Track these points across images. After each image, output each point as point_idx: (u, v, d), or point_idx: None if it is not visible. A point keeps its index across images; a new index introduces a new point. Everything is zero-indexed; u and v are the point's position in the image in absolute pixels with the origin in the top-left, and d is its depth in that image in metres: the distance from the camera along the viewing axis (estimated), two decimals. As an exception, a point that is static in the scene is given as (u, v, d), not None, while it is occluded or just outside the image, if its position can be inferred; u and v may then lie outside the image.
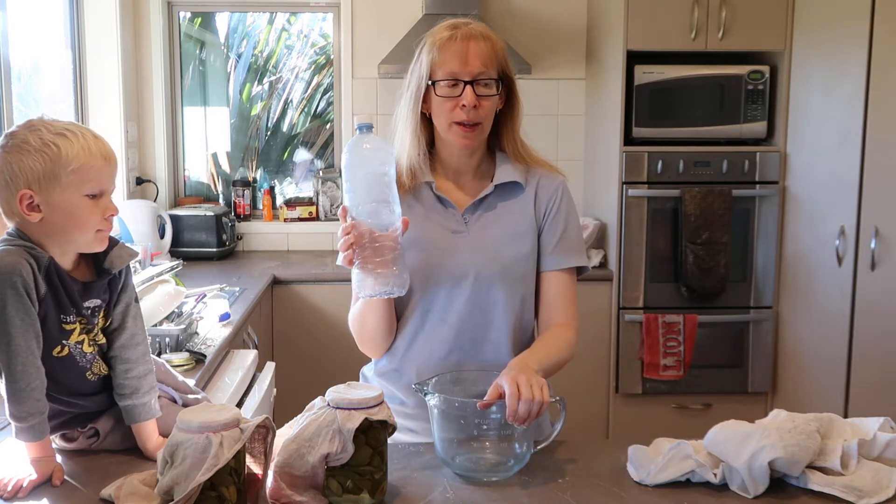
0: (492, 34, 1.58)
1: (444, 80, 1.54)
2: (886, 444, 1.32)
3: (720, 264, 3.53)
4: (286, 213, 4.17)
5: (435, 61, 1.54)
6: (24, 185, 1.31)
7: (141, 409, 1.43)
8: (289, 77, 4.57)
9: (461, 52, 1.53)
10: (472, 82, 1.53)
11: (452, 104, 1.54)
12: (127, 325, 1.45)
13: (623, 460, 1.40)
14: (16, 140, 1.32)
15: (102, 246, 1.39)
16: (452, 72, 1.53)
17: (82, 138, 1.33)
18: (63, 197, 1.32)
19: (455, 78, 1.53)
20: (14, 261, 1.29)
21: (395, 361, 1.65)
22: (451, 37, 1.54)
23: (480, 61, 1.53)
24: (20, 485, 1.28)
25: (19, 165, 1.30)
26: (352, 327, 1.66)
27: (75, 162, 1.31)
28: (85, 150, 1.32)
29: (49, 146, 1.30)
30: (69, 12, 3.58)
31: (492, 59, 1.55)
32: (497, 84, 1.56)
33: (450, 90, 1.54)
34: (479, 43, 1.54)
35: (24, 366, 1.30)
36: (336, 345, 3.46)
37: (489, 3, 4.02)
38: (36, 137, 1.31)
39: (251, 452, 1.26)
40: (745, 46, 3.52)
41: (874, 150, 3.02)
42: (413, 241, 1.59)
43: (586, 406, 3.67)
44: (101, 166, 1.34)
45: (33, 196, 1.31)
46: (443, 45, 1.54)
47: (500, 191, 1.64)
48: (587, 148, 4.10)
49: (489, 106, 1.56)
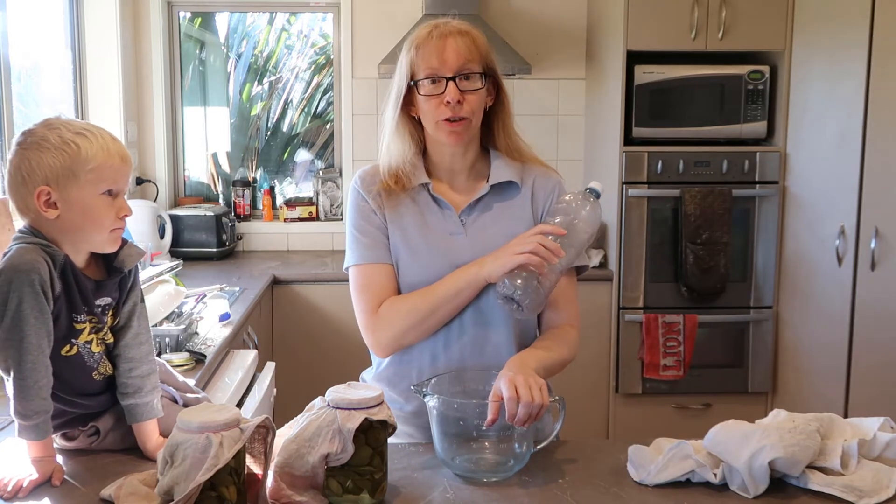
0: (471, 29, 1.56)
1: (425, 79, 1.53)
2: (886, 444, 1.32)
3: (720, 264, 3.53)
4: (286, 213, 4.17)
5: (414, 61, 1.53)
6: (42, 182, 1.32)
7: (143, 408, 1.43)
8: (289, 77, 4.57)
9: (439, 48, 1.52)
10: (454, 78, 1.51)
11: (437, 102, 1.52)
12: (132, 324, 1.46)
13: (623, 460, 1.40)
14: (34, 138, 1.33)
15: (115, 246, 1.40)
16: (432, 68, 1.52)
17: (101, 138, 1.35)
18: (80, 195, 1.33)
19: (436, 75, 1.52)
20: (32, 258, 1.30)
21: (395, 366, 1.64)
22: (429, 34, 1.53)
23: (460, 56, 1.52)
24: (20, 485, 1.28)
25: (38, 162, 1.31)
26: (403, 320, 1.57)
27: (94, 161, 1.33)
28: (104, 149, 1.34)
29: (69, 144, 1.32)
30: (69, 12, 3.58)
31: (472, 53, 1.53)
32: (481, 77, 1.54)
33: (432, 88, 1.52)
34: (458, 38, 1.53)
35: (34, 364, 1.30)
36: (336, 345, 3.46)
37: (489, 3, 4.01)
38: (55, 135, 1.32)
39: (251, 452, 1.26)
40: (745, 46, 3.52)
41: (874, 150, 3.02)
42: (411, 245, 1.59)
43: (586, 406, 3.67)
44: (119, 166, 1.36)
45: (51, 193, 1.32)
46: (421, 44, 1.53)
47: (496, 191, 1.63)
48: (587, 148, 4.10)
49: (475, 100, 1.54)
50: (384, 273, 1.60)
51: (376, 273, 1.60)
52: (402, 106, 1.58)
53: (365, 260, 1.60)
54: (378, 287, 1.59)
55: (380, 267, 1.60)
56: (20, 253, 1.30)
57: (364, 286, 1.61)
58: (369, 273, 1.60)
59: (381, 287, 1.59)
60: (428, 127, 1.58)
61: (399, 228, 1.61)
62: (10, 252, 1.32)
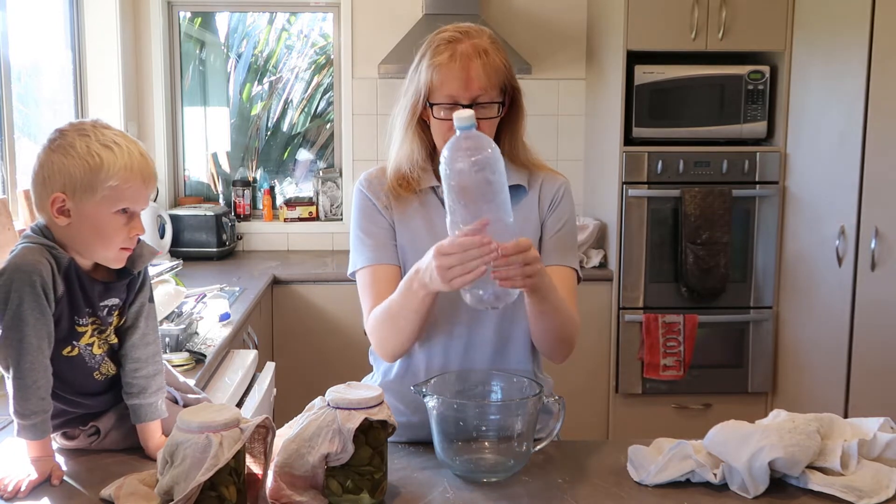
0: (490, 46, 1.51)
1: (442, 104, 1.50)
2: (886, 444, 1.32)
3: (720, 264, 3.53)
4: (286, 213, 4.17)
5: (434, 84, 1.49)
6: (59, 188, 1.31)
7: (147, 408, 1.43)
8: (289, 77, 4.57)
9: (462, 75, 1.47)
10: (471, 105, 1.48)
11: (451, 125, 1.46)
12: (139, 325, 1.45)
13: (623, 460, 1.40)
14: (64, 140, 1.31)
15: (122, 263, 1.39)
16: (451, 95, 1.48)
17: (128, 155, 1.32)
18: (95, 210, 1.32)
19: (454, 102, 1.49)
20: (35, 259, 1.29)
21: (400, 378, 1.61)
22: (451, 57, 1.48)
23: (481, 84, 1.48)
24: (20, 485, 1.28)
25: (60, 167, 1.30)
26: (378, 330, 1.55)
27: (115, 179, 1.31)
28: (127, 167, 1.31)
29: (93, 156, 1.30)
30: (69, 12, 3.58)
31: (492, 79, 1.49)
32: (498, 106, 1.52)
33: (448, 112, 1.48)
34: (478, 63, 1.48)
35: (33, 364, 1.30)
36: (336, 345, 3.46)
37: (489, 3, 4.01)
38: (83, 144, 1.30)
39: (251, 452, 1.26)
40: (745, 46, 3.52)
41: (874, 150, 3.02)
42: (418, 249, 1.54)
43: (586, 406, 3.67)
44: (139, 187, 1.34)
45: (66, 201, 1.31)
46: (442, 67, 1.49)
47: None
48: (587, 148, 4.10)
49: (488, 126, 1.50)
50: (387, 274, 1.58)
51: (379, 274, 1.58)
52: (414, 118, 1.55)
53: (369, 262, 1.58)
54: (379, 289, 1.57)
55: (384, 268, 1.58)
56: (24, 253, 1.30)
57: (366, 288, 1.59)
58: (372, 275, 1.58)
59: (382, 289, 1.56)
60: (439, 143, 1.55)
61: (407, 231, 1.59)
62: (15, 251, 1.31)
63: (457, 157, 1.31)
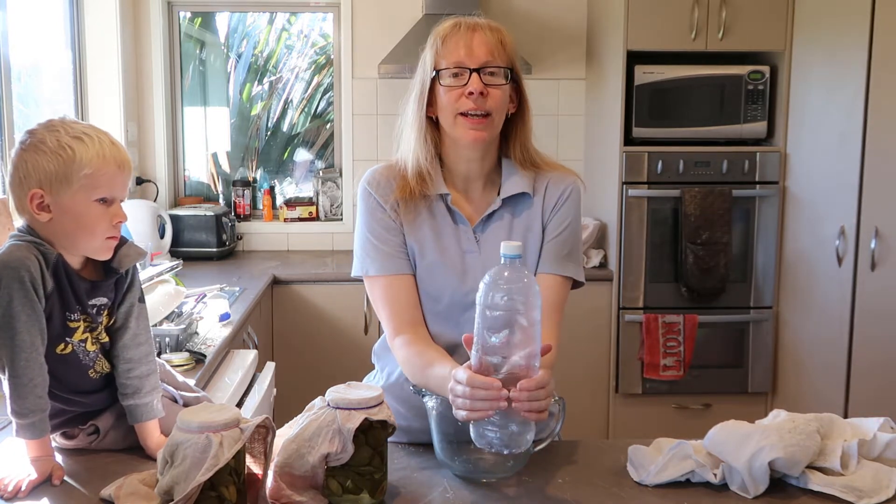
0: (501, 28, 1.51)
1: (448, 70, 1.47)
2: (886, 444, 1.32)
3: (720, 264, 3.53)
4: (286, 213, 4.17)
5: (439, 52, 1.48)
6: (35, 185, 1.32)
7: (143, 409, 1.43)
8: (289, 77, 4.57)
9: (466, 40, 1.47)
10: (479, 70, 1.46)
11: (458, 94, 1.46)
12: (130, 325, 1.45)
13: (623, 460, 1.40)
14: (34, 139, 1.33)
15: (109, 253, 1.39)
16: (457, 61, 1.46)
17: (98, 143, 1.34)
18: (73, 200, 1.33)
19: (460, 66, 1.46)
20: (22, 255, 1.30)
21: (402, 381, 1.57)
22: (456, 25, 1.49)
23: (487, 49, 1.46)
24: (20, 485, 1.28)
25: (33, 164, 1.32)
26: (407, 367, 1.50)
27: (88, 167, 1.32)
28: (99, 155, 1.33)
29: (64, 149, 1.31)
30: (69, 12, 3.58)
31: (499, 50, 1.48)
32: (506, 74, 1.49)
33: (455, 80, 1.46)
34: (487, 33, 1.48)
35: (28, 361, 1.30)
36: (336, 345, 3.46)
37: (489, 4, 4.01)
38: (53, 139, 1.32)
39: (251, 452, 1.26)
40: (745, 46, 3.52)
41: (874, 150, 3.02)
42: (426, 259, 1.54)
43: (586, 406, 3.67)
44: (114, 173, 1.35)
45: (44, 196, 1.32)
46: (447, 36, 1.48)
47: (508, 203, 1.57)
48: (587, 148, 4.10)
49: (499, 96, 1.47)
50: (404, 284, 1.54)
51: (401, 286, 1.53)
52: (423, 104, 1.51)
53: (388, 271, 1.54)
54: (403, 303, 1.53)
55: (399, 280, 1.54)
56: (11, 250, 1.31)
57: (384, 301, 1.54)
58: (389, 287, 1.54)
59: (406, 303, 1.53)
60: (446, 123, 1.50)
61: (415, 240, 1.55)
62: (3, 249, 1.32)
63: (497, 283, 1.23)
